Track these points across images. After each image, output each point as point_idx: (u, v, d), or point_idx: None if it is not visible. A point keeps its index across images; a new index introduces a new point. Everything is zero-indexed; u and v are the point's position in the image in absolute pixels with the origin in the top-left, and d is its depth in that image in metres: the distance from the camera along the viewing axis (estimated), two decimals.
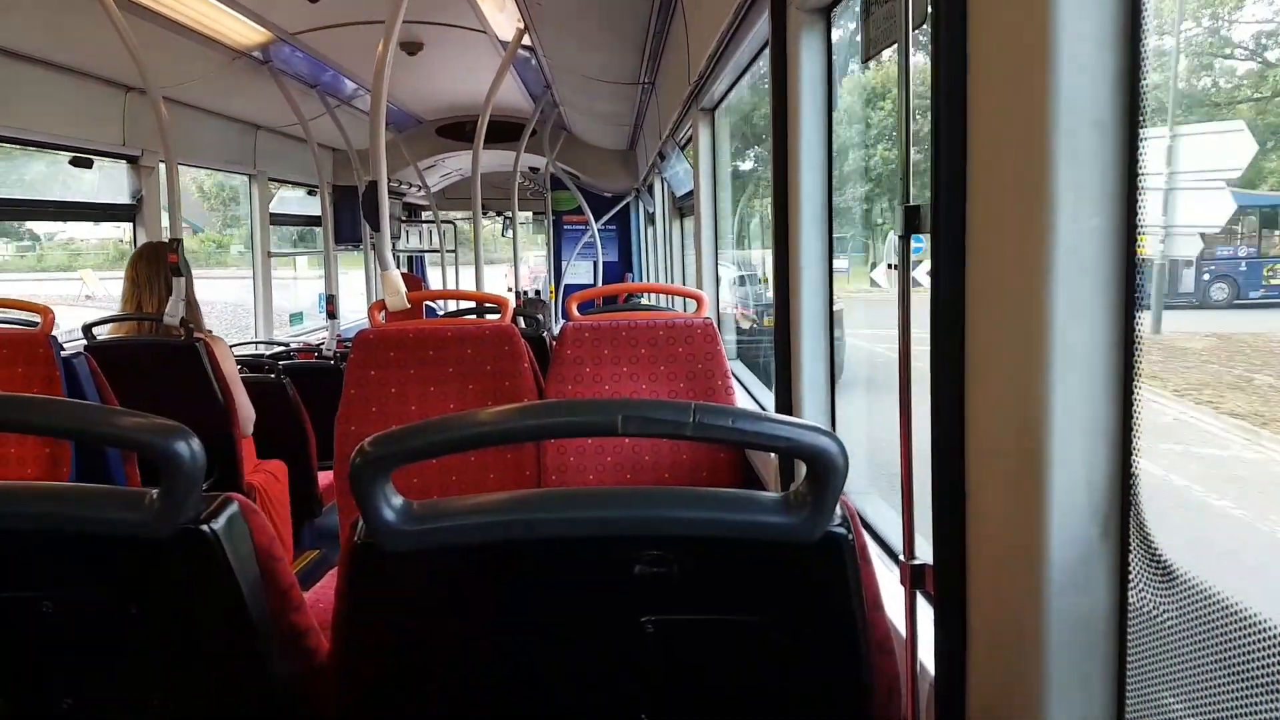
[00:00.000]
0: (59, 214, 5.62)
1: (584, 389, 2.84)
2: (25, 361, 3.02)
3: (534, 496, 1.00)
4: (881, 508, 2.12)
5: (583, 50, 5.00)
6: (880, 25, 1.53)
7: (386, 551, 0.98)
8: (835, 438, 0.94)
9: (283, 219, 8.03)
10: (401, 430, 0.95)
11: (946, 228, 1.14)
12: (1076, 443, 1.00)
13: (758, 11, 2.50)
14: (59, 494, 1.09)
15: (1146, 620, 1.00)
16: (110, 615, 1.13)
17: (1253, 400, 2.10)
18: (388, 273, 3.22)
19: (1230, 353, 2.27)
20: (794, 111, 2.15)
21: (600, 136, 8.85)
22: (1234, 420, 2.08)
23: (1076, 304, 0.98)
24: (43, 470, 3.00)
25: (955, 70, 1.10)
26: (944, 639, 1.21)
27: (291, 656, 1.22)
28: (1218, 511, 2.42)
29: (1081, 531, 1.01)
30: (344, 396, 2.76)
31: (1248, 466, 2.17)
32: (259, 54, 5.27)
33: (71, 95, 4.53)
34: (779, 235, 2.26)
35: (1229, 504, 2.41)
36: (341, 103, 6.77)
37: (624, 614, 1.04)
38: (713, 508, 0.97)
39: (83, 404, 1.10)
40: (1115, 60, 0.95)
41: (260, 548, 1.14)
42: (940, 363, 1.17)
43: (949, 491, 1.17)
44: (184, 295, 3.61)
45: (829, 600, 1.02)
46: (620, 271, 11.72)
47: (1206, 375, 2.15)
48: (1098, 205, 0.97)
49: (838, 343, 2.30)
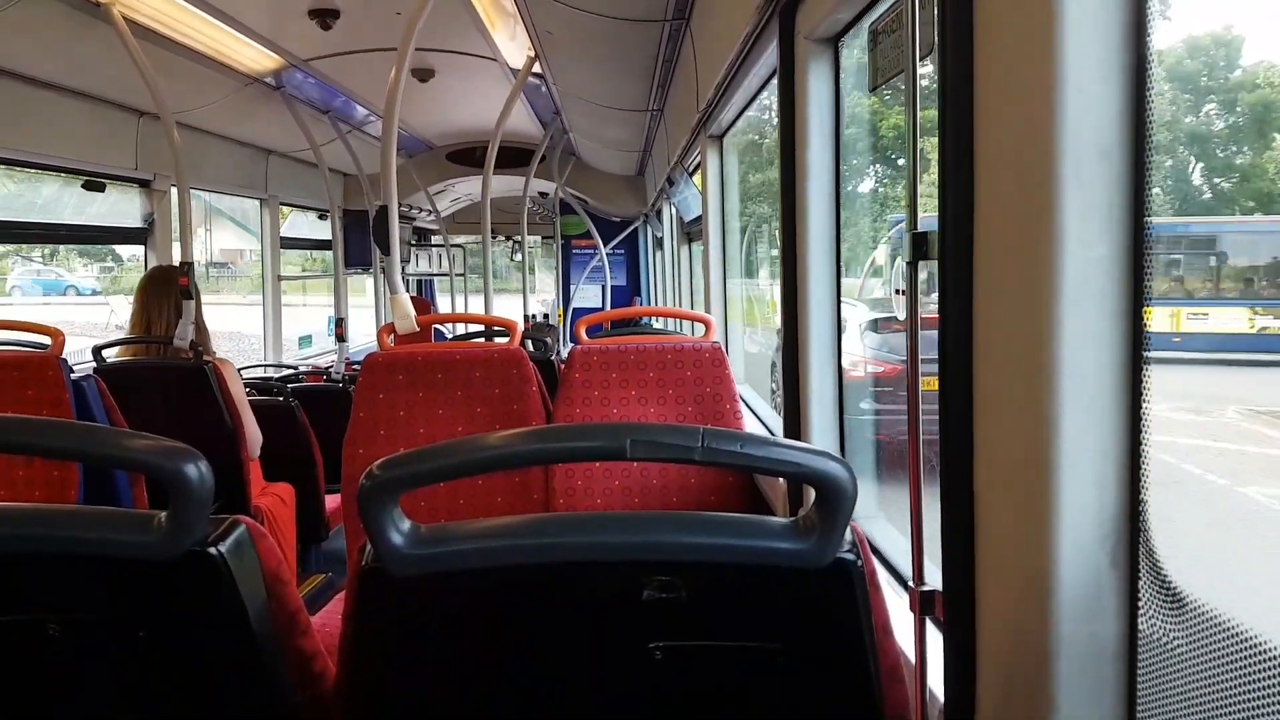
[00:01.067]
0: (70, 237, 5.67)
1: (592, 412, 2.84)
2: (35, 384, 3.03)
3: (541, 521, 1.00)
4: (891, 533, 2.12)
5: (592, 78, 5.04)
6: (887, 55, 1.55)
7: (394, 576, 0.98)
8: (845, 463, 0.94)
9: (293, 243, 8.08)
10: (409, 454, 0.95)
11: (954, 254, 1.14)
12: (1085, 470, 1.00)
13: (766, 41, 2.52)
14: (66, 516, 1.09)
15: (1157, 648, 1.00)
16: (117, 639, 1.13)
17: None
18: (397, 296, 3.24)
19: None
20: (802, 140, 2.17)
21: (609, 162, 8.90)
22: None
23: (1085, 331, 0.98)
24: (51, 493, 3.01)
25: (961, 98, 1.11)
26: (954, 666, 1.21)
27: (298, 681, 1.21)
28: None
29: (1091, 559, 1.01)
30: (352, 419, 2.77)
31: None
32: (271, 80, 5.33)
33: (85, 120, 4.58)
34: (787, 261, 2.27)
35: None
36: (353, 128, 6.83)
37: (632, 641, 1.03)
38: (721, 533, 0.97)
39: (90, 426, 1.10)
40: (1121, 89, 0.96)
41: (268, 571, 1.14)
42: (948, 389, 1.17)
43: (958, 518, 1.17)
44: (193, 319, 3.63)
45: (838, 627, 1.02)
46: (628, 295, 11.74)
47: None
48: (1105, 233, 0.97)
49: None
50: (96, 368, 3.54)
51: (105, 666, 1.15)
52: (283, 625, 1.17)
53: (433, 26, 4.06)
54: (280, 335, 7.14)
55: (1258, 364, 4.37)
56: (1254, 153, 4.26)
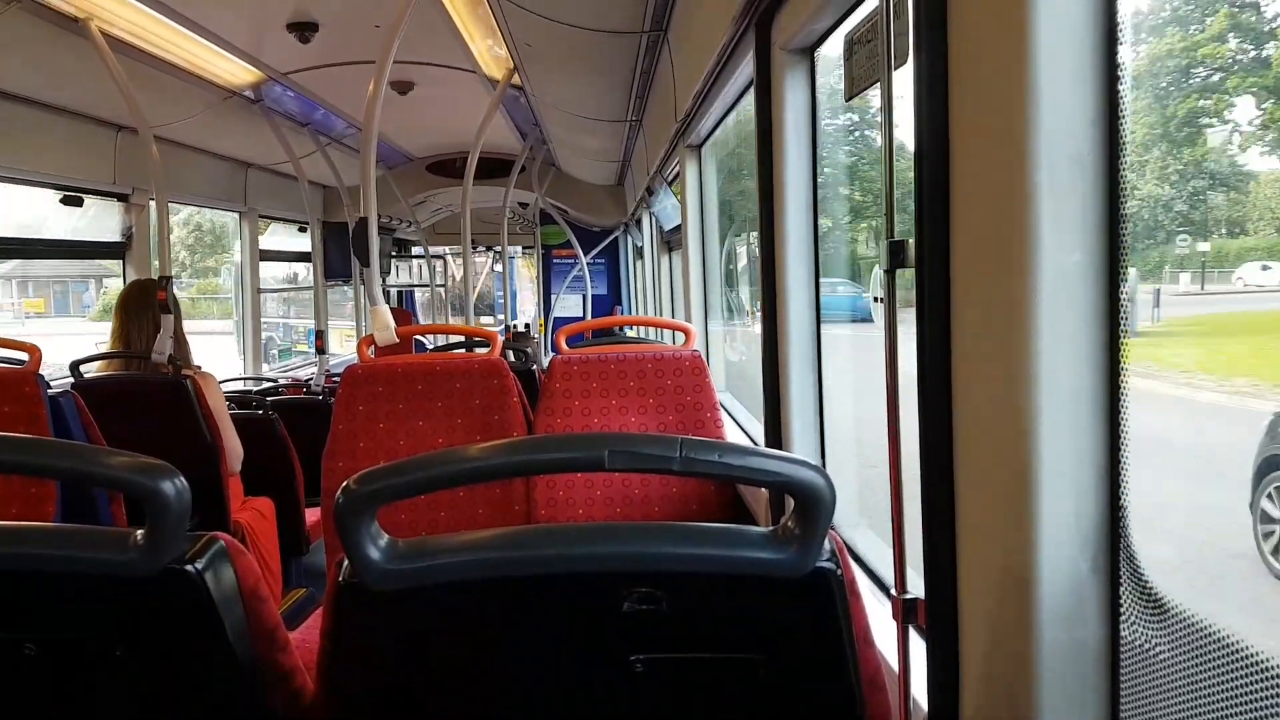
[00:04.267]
0: (49, 252, 5.62)
1: (573, 422, 2.84)
2: (12, 399, 3.00)
3: (520, 534, 0.99)
4: (874, 541, 2.12)
5: (571, 89, 5.05)
6: (862, 65, 1.56)
7: (372, 591, 0.97)
8: (823, 472, 0.94)
9: (273, 255, 8.04)
10: (386, 468, 0.95)
11: (931, 261, 1.15)
12: (1065, 475, 1.00)
13: (743, 51, 2.53)
14: (41, 534, 1.08)
15: (1139, 653, 1.00)
16: (94, 657, 1.11)
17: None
18: (377, 308, 3.23)
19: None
20: (779, 149, 2.18)
21: (589, 172, 8.91)
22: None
23: (1062, 336, 0.98)
24: (27, 510, 2.97)
25: (936, 107, 1.12)
26: (937, 673, 1.21)
27: (277, 698, 1.20)
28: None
29: (1072, 565, 1.01)
30: (332, 432, 2.75)
31: None
32: (250, 93, 5.31)
33: (63, 134, 4.55)
34: (766, 270, 2.28)
35: None
36: (332, 141, 6.81)
37: (613, 653, 1.03)
38: (700, 543, 0.97)
39: (64, 443, 1.09)
40: (1094, 96, 0.97)
41: (246, 588, 1.13)
42: (927, 395, 1.17)
43: (939, 525, 1.17)
44: (172, 332, 3.60)
45: (818, 636, 1.02)
46: (609, 305, 11.75)
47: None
48: (1079, 239, 0.98)
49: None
50: (75, 383, 3.51)
51: (82, 685, 1.14)
52: (261, 642, 1.16)
53: (412, 39, 4.06)
54: (260, 348, 7.10)
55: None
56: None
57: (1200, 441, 1.98)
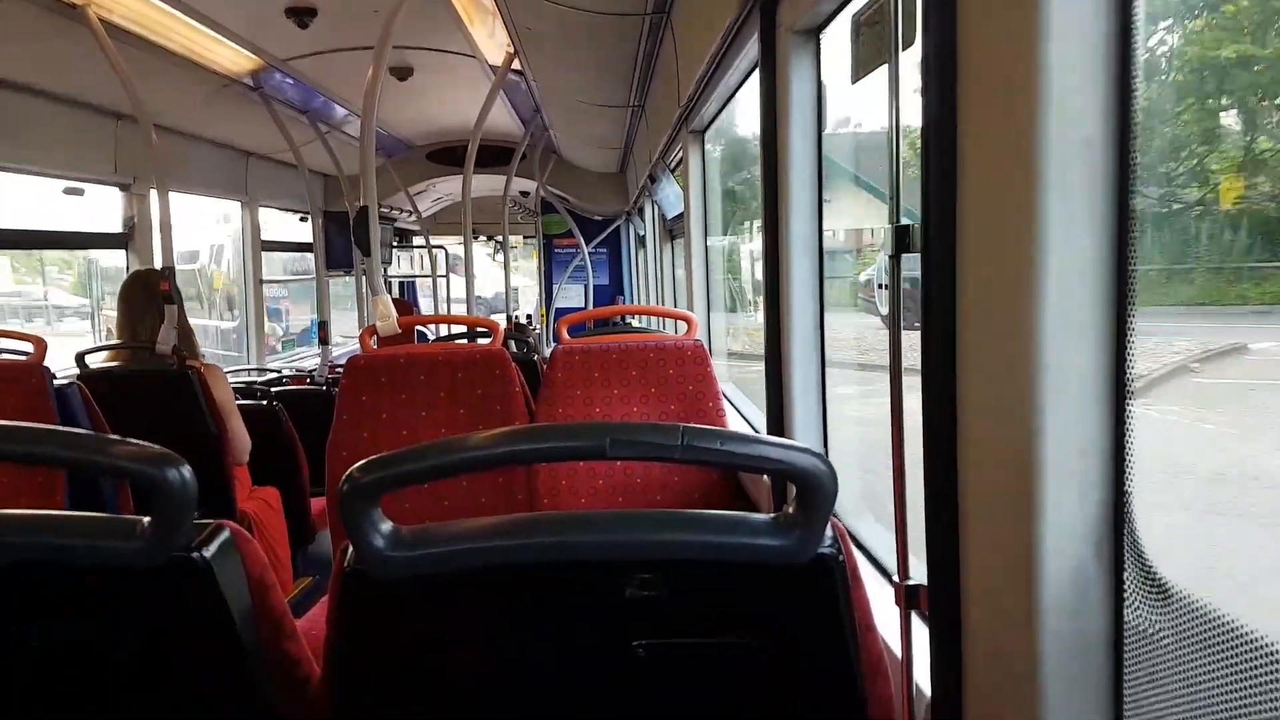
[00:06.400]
0: (51, 242, 5.61)
1: (575, 412, 2.83)
2: (18, 391, 3.00)
3: (523, 521, 0.99)
4: (877, 528, 2.11)
5: (572, 74, 5.03)
6: (869, 46, 1.54)
7: (376, 579, 0.97)
8: (824, 458, 0.94)
9: (274, 245, 8.03)
10: (389, 456, 0.95)
11: (937, 246, 1.14)
12: (1069, 463, 0.99)
13: (747, 34, 2.51)
14: (46, 523, 1.07)
15: (1144, 641, 1.00)
16: (100, 646, 1.11)
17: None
18: (379, 297, 3.22)
19: None
20: (784, 133, 2.16)
21: (590, 160, 8.89)
22: None
23: (1069, 323, 0.97)
24: (36, 500, 2.98)
25: (945, 89, 1.11)
26: (940, 660, 1.20)
27: (283, 686, 1.20)
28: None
29: (1076, 552, 1.01)
30: (335, 422, 2.75)
31: None
32: (249, 80, 5.29)
33: (62, 124, 4.53)
34: (769, 256, 2.27)
35: None
36: (332, 128, 6.79)
37: (615, 639, 1.03)
38: (703, 530, 0.96)
39: (68, 432, 1.08)
40: (1105, 79, 0.96)
41: (252, 576, 1.13)
42: (932, 382, 1.17)
43: (942, 512, 1.17)
44: (176, 323, 3.60)
45: (820, 622, 1.02)
46: (611, 294, 11.74)
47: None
48: (1088, 224, 0.97)
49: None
50: (80, 375, 3.51)
51: (88, 674, 1.14)
52: (268, 630, 1.16)
53: (411, 24, 4.04)
54: (263, 339, 7.10)
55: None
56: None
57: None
